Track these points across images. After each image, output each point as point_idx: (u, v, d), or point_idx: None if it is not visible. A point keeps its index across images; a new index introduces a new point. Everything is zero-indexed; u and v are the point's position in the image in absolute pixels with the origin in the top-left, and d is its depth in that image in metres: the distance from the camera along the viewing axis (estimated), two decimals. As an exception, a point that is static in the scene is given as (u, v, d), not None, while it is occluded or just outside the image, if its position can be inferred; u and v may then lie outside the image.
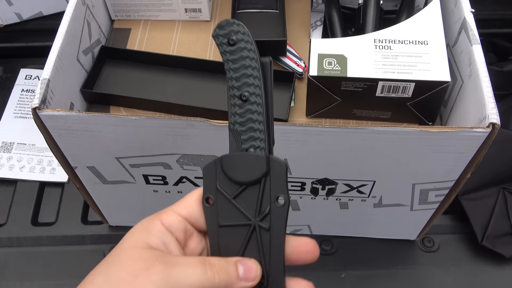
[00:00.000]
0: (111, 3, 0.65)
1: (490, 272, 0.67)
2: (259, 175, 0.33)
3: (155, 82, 0.60)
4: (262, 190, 0.33)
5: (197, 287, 0.30)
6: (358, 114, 0.57)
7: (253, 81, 0.33)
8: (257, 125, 0.33)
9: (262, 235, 0.33)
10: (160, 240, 0.32)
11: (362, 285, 0.66)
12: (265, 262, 0.33)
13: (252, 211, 0.33)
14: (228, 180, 0.33)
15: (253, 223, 0.33)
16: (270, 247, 0.33)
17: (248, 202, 0.33)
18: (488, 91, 0.46)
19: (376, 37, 0.53)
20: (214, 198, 0.34)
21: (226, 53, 0.33)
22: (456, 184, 0.53)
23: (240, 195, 0.33)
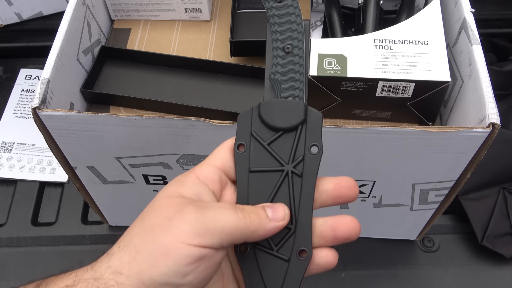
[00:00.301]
0: (111, 3, 0.65)
1: (490, 272, 0.67)
2: (297, 122, 0.34)
3: (155, 82, 0.60)
4: (298, 138, 0.34)
5: (231, 227, 0.31)
6: (358, 114, 0.57)
7: (297, 35, 0.35)
8: (298, 76, 0.35)
9: (294, 181, 0.34)
10: (194, 191, 0.33)
11: (362, 285, 0.66)
12: (295, 207, 0.33)
13: (286, 157, 0.34)
14: (264, 126, 0.34)
15: (286, 169, 0.34)
16: (301, 193, 0.33)
17: (283, 148, 0.34)
18: (488, 91, 0.46)
19: (376, 37, 0.53)
20: (246, 144, 0.34)
21: (272, 8, 0.36)
22: (456, 184, 0.53)
23: (275, 141, 0.34)
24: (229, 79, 0.60)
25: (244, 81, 0.60)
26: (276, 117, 0.34)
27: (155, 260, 0.30)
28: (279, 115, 0.34)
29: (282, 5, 0.36)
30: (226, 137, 0.49)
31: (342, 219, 0.34)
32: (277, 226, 0.33)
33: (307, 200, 0.33)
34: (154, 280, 0.29)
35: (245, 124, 0.35)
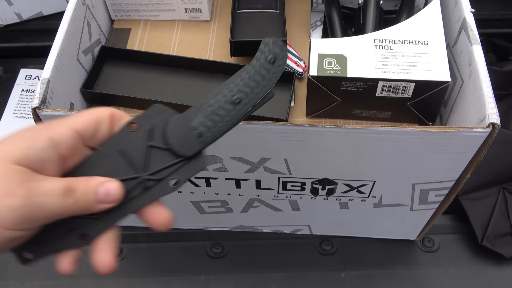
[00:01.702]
0: (111, 3, 0.65)
1: (490, 272, 0.67)
2: (183, 154, 0.34)
3: (155, 82, 0.60)
4: (173, 164, 0.35)
5: (56, 213, 0.32)
6: (358, 114, 0.57)
7: (254, 95, 0.35)
8: (220, 125, 0.35)
9: (140, 186, 0.34)
10: (40, 156, 0.32)
11: (362, 285, 0.66)
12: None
13: (153, 167, 0.35)
14: (162, 131, 0.35)
15: (142, 176, 0.34)
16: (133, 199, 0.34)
17: (157, 159, 0.35)
18: (488, 91, 0.46)
19: (376, 37, 0.53)
20: (138, 127, 0.35)
21: (259, 62, 0.35)
22: (456, 184, 0.53)
23: (156, 149, 0.35)
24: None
25: (244, 81, 0.60)
26: (174, 135, 0.35)
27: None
28: (178, 136, 0.35)
29: (270, 67, 0.35)
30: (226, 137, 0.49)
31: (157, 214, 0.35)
32: (104, 207, 0.33)
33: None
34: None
35: (154, 115, 0.35)
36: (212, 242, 0.70)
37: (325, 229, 0.69)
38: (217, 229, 0.71)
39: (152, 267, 0.68)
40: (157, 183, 0.34)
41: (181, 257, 0.69)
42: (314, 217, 0.65)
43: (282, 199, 0.60)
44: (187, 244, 0.70)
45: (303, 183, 0.56)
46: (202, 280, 0.67)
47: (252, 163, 0.53)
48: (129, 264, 0.69)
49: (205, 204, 0.64)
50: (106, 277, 0.67)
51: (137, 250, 0.70)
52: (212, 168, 0.54)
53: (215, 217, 0.67)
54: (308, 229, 0.69)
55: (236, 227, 0.70)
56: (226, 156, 0.52)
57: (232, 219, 0.67)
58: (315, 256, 0.69)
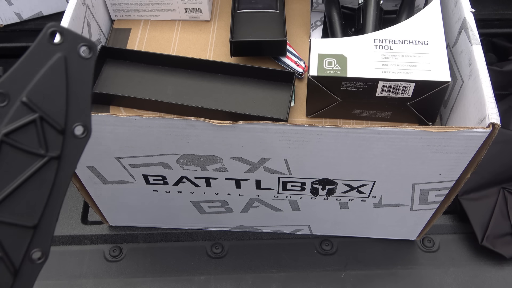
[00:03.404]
0: (111, 3, 0.65)
1: (490, 272, 0.67)
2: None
3: (155, 82, 0.60)
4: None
5: None
6: (358, 114, 0.57)
7: None
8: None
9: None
10: None
11: (362, 285, 0.66)
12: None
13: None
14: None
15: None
16: None
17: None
18: (488, 91, 0.46)
19: (376, 37, 0.53)
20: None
21: None
22: (456, 184, 0.53)
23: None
24: (229, 79, 0.60)
25: (244, 81, 0.60)
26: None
27: None
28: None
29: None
30: (226, 137, 0.49)
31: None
32: None
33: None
34: None
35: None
36: (212, 242, 0.70)
37: (325, 229, 0.69)
38: (217, 229, 0.71)
39: (152, 267, 0.68)
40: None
41: (181, 257, 0.69)
42: (314, 217, 0.65)
43: (282, 199, 0.60)
44: (187, 244, 0.70)
45: (303, 183, 0.56)
46: (202, 280, 0.67)
47: (252, 163, 0.53)
48: (129, 264, 0.69)
49: (205, 204, 0.64)
50: (106, 277, 0.67)
51: (137, 250, 0.70)
52: (212, 168, 0.54)
53: (215, 217, 0.67)
54: (308, 229, 0.69)
55: (236, 227, 0.70)
56: (226, 156, 0.52)
57: (232, 219, 0.67)
58: (315, 256, 0.69)
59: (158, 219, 0.69)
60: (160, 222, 0.70)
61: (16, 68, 0.27)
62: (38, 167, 0.26)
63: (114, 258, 0.69)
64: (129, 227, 0.72)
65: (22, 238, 0.27)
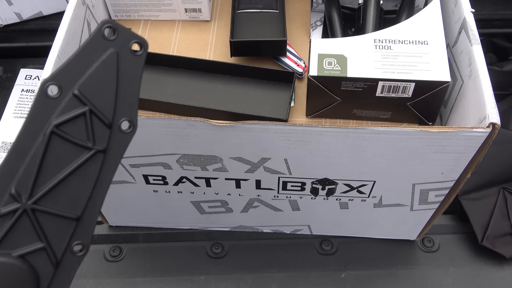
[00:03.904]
0: (111, 3, 0.65)
1: (490, 272, 0.67)
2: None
3: (155, 82, 0.60)
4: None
5: None
6: (358, 114, 0.57)
7: None
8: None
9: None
10: None
11: (362, 285, 0.66)
12: None
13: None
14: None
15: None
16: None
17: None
18: (488, 91, 0.46)
19: (376, 37, 0.53)
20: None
21: None
22: (456, 184, 0.53)
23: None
24: (229, 79, 0.60)
25: (244, 81, 0.60)
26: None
27: None
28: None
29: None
30: (226, 137, 0.49)
31: None
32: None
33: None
34: None
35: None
36: (212, 242, 0.70)
37: (325, 229, 0.69)
38: (217, 229, 0.71)
39: (152, 267, 0.68)
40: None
41: (181, 257, 0.69)
42: (314, 217, 0.65)
43: (282, 199, 0.60)
44: (187, 244, 0.70)
45: (303, 183, 0.56)
46: (202, 280, 0.67)
47: (252, 163, 0.53)
48: (129, 264, 0.69)
49: (205, 204, 0.64)
50: (106, 277, 0.67)
51: (137, 250, 0.70)
52: (212, 168, 0.54)
53: (215, 217, 0.67)
54: (308, 229, 0.69)
55: (236, 227, 0.70)
56: (226, 156, 0.52)
57: (232, 219, 0.67)
58: (315, 256, 0.69)
59: (158, 219, 0.69)
60: (160, 222, 0.70)
61: (70, 61, 0.27)
62: (84, 159, 0.27)
63: (114, 258, 0.69)
64: (129, 227, 0.71)
65: (65, 230, 0.27)
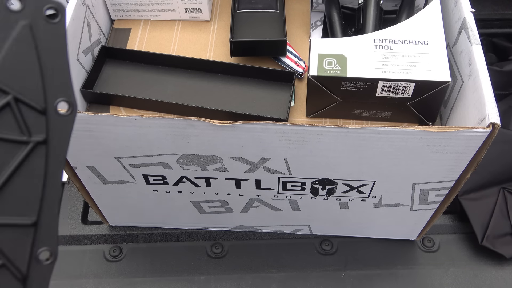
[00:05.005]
0: (111, 3, 0.65)
1: (490, 272, 0.67)
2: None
3: (155, 82, 0.60)
4: None
5: None
6: (358, 114, 0.57)
7: None
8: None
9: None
10: None
11: (362, 285, 0.66)
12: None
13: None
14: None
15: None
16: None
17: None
18: (488, 91, 0.46)
19: (376, 37, 0.53)
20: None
21: None
22: (456, 184, 0.53)
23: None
24: (229, 79, 0.60)
25: (244, 81, 0.60)
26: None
27: None
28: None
29: None
30: (226, 137, 0.49)
31: None
32: None
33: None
34: None
35: None
36: (212, 242, 0.70)
37: (325, 229, 0.69)
38: (217, 229, 0.71)
39: (152, 267, 0.68)
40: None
41: (181, 257, 0.69)
42: (314, 217, 0.65)
43: (282, 199, 0.60)
44: (187, 244, 0.70)
45: (303, 183, 0.56)
46: (202, 280, 0.67)
47: (252, 163, 0.53)
48: (129, 264, 0.69)
49: (205, 204, 0.64)
50: (106, 277, 0.67)
51: (137, 250, 0.70)
52: (212, 168, 0.54)
53: (215, 217, 0.67)
54: (308, 229, 0.69)
55: (236, 227, 0.70)
56: (226, 156, 0.52)
57: (232, 219, 0.67)
58: (315, 256, 0.69)
59: (158, 219, 0.69)
60: (160, 222, 0.70)
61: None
62: (24, 155, 0.23)
63: (114, 258, 0.69)
64: (129, 227, 0.72)
65: (23, 239, 0.24)
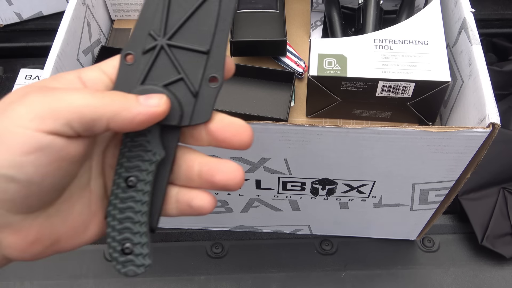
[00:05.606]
0: (111, 3, 0.65)
1: (490, 272, 0.67)
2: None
3: (155, 82, 0.60)
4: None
5: (81, 104, 0.26)
6: (358, 114, 0.57)
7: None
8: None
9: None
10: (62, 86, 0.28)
11: (362, 285, 0.66)
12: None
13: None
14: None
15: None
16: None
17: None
18: (488, 91, 0.46)
19: (376, 37, 0.53)
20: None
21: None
22: (456, 184, 0.53)
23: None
24: (229, 79, 0.60)
25: (244, 81, 0.60)
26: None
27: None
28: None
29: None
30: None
31: (225, 166, 0.30)
32: (148, 111, 0.27)
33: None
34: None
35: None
36: (212, 242, 0.70)
37: (325, 229, 0.69)
38: (217, 229, 0.71)
39: (152, 267, 0.68)
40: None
41: (181, 257, 0.69)
42: (314, 217, 0.65)
43: (282, 199, 0.60)
44: (187, 244, 0.70)
45: (303, 183, 0.56)
46: (202, 280, 0.67)
47: (252, 163, 0.53)
48: (129, 264, 0.68)
49: (205, 204, 0.63)
50: (106, 277, 0.67)
51: (137, 250, 0.70)
52: (212, 168, 0.54)
53: (215, 217, 0.67)
54: (308, 229, 0.69)
55: (236, 227, 0.70)
56: (226, 156, 0.52)
57: (232, 219, 0.67)
58: (315, 256, 0.69)
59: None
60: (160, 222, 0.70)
61: None
62: (202, 0, 0.29)
63: (114, 258, 0.69)
64: (129, 227, 0.71)
65: (198, 63, 0.30)
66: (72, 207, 0.29)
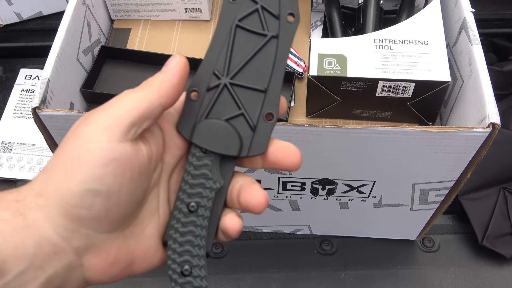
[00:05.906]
0: (111, 3, 0.65)
1: (490, 272, 0.67)
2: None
3: (155, 82, 0.60)
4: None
5: (136, 100, 0.30)
6: (358, 114, 0.57)
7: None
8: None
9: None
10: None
11: (362, 285, 0.66)
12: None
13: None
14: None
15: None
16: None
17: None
18: (488, 91, 0.46)
19: (376, 37, 0.53)
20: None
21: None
22: (456, 184, 0.53)
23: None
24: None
25: (244, 81, 0.60)
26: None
27: (69, 169, 0.27)
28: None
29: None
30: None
31: (253, 190, 0.32)
32: (177, 70, 0.32)
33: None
34: (73, 191, 0.27)
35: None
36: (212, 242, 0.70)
37: (325, 229, 0.69)
38: (217, 229, 0.71)
39: None
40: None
41: (181, 257, 0.69)
42: (314, 217, 0.65)
43: (282, 199, 0.60)
44: (187, 244, 0.70)
45: (303, 183, 0.56)
46: (202, 280, 0.67)
47: (252, 163, 0.53)
48: (129, 264, 0.68)
49: (205, 204, 0.63)
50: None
51: (137, 250, 0.70)
52: (212, 168, 0.54)
53: (215, 217, 0.67)
54: (308, 229, 0.69)
55: (236, 227, 0.70)
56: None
57: (232, 219, 0.67)
58: (315, 256, 0.69)
59: (158, 219, 0.69)
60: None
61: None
62: (263, 43, 0.33)
63: (114, 258, 0.69)
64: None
65: (256, 100, 0.32)
66: (144, 231, 0.31)
